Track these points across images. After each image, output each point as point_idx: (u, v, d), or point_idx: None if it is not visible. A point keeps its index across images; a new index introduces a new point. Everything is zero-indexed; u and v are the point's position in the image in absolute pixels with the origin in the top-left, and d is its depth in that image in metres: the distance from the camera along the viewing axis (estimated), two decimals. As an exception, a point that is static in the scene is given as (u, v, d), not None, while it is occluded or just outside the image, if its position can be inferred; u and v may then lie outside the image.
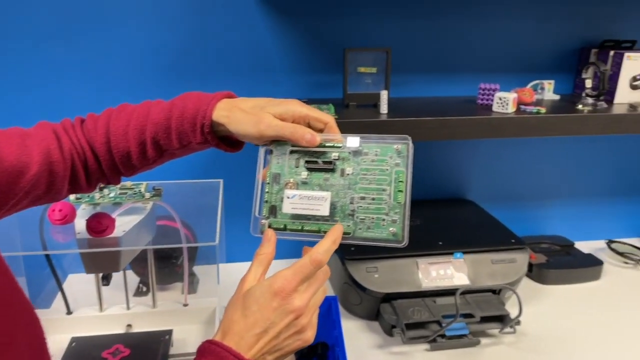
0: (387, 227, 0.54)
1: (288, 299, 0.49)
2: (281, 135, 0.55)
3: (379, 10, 1.03)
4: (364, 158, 0.55)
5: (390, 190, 0.54)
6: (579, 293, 1.06)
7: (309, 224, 0.54)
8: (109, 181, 0.62)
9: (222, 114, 0.56)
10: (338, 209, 0.54)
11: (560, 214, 1.28)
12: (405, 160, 0.54)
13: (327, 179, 0.55)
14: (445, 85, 1.12)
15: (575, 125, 0.95)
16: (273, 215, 0.55)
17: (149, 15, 0.96)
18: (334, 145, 0.56)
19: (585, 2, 1.10)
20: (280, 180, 0.56)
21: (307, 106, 0.58)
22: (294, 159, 0.56)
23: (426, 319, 0.86)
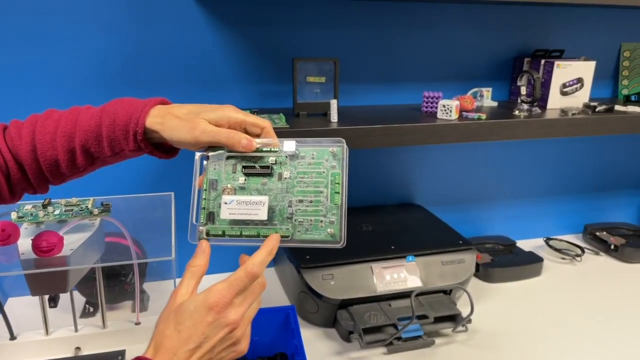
0: (325, 228, 0.55)
1: (223, 312, 0.49)
2: (217, 141, 0.55)
3: (327, 22, 1.05)
4: (301, 161, 0.56)
5: (327, 192, 0.55)
6: (523, 289, 1.11)
7: (247, 229, 0.55)
8: (36, 190, 0.60)
9: (155, 120, 0.56)
10: (277, 213, 0.55)
11: (502, 214, 1.34)
12: (340, 162, 0.56)
13: (265, 183, 0.56)
14: (390, 94, 1.15)
15: (514, 130, 1.00)
16: (211, 222, 0.55)
17: (92, 25, 0.93)
18: (270, 150, 0.56)
19: (518, 15, 1.17)
20: (217, 186, 0.56)
21: (242, 112, 0.58)
22: (231, 165, 0.56)
23: (382, 323, 0.88)
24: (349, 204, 1.23)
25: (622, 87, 1.30)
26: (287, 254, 0.98)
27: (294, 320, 0.80)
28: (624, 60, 1.29)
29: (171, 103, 0.60)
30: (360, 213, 1.16)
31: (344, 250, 0.95)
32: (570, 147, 1.32)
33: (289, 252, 0.97)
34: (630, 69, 1.30)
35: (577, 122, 1.03)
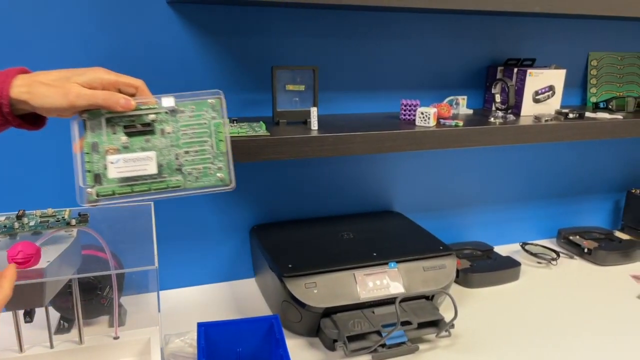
0: (214, 174, 0.58)
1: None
2: (94, 103, 0.54)
3: (305, 31, 1.05)
4: (182, 115, 0.58)
5: (211, 141, 0.58)
6: (502, 293, 1.13)
7: (138, 185, 0.56)
8: None
9: (21, 90, 0.53)
10: (165, 167, 0.57)
11: (478, 221, 1.36)
12: (220, 112, 0.59)
13: (149, 140, 0.57)
14: (368, 102, 1.16)
15: (490, 136, 1.02)
16: (99, 183, 0.56)
17: (67, 32, 0.91)
18: (149, 107, 0.58)
19: (490, 25, 1.20)
20: (99, 148, 0.56)
21: (114, 72, 0.57)
22: (111, 126, 0.57)
23: (366, 330, 0.87)
24: (329, 212, 1.23)
25: (591, 95, 1.34)
26: (269, 263, 0.97)
27: (278, 330, 0.79)
28: (591, 69, 1.33)
29: (31, 71, 0.57)
30: (340, 221, 1.16)
31: (327, 258, 0.96)
32: (543, 154, 1.36)
33: (271, 261, 0.97)
34: (597, 77, 1.34)
35: (550, 128, 1.06)
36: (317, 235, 1.08)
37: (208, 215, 1.10)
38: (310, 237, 1.07)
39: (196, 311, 1.03)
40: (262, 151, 0.87)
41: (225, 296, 1.09)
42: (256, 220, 1.15)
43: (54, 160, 0.96)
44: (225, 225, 1.13)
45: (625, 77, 1.37)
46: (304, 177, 1.16)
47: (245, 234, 1.15)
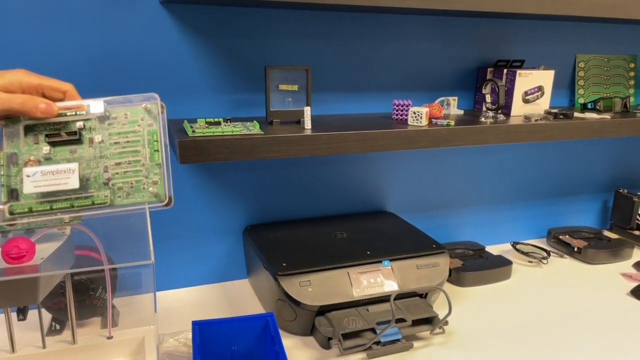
0: (147, 189, 0.53)
1: None
2: (9, 108, 0.50)
3: (298, 32, 1.06)
4: (113, 123, 0.53)
5: (145, 152, 0.53)
6: (495, 291, 1.14)
7: (59, 202, 0.51)
8: None
9: None
10: (92, 180, 0.52)
11: (470, 221, 1.37)
12: (157, 119, 0.53)
13: (75, 150, 0.52)
14: (360, 103, 1.17)
15: (481, 135, 1.03)
16: (14, 199, 0.51)
17: (59, 31, 0.91)
18: (76, 114, 0.52)
19: (480, 27, 1.21)
20: (17, 160, 0.51)
21: (37, 75, 0.52)
22: (32, 135, 0.52)
23: (361, 327, 0.88)
24: (322, 212, 1.23)
25: (579, 96, 1.36)
26: (263, 262, 0.97)
27: (273, 327, 0.78)
28: (579, 71, 1.36)
29: None
30: (333, 221, 1.17)
31: (321, 257, 0.96)
32: (532, 155, 1.37)
33: (265, 260, 0.96)
34: (585, 78, 1.36)
35: (540, 127, 1.08)
36: (311, 235, 1.08)
37: (200, 216, 1.10)
38: (303, 237, 1.07)
39: (189, 312, 1.02)
40: (256, 150, 0.88)
41: (219, 297, 1.09)
42: (249, 221, 1.15)
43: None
44: (217, 226, 1.13)
45: (612, 79, 1.39)
46: (296, 178, 1.16)
47: (238, 235, 1.15)
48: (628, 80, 1.41)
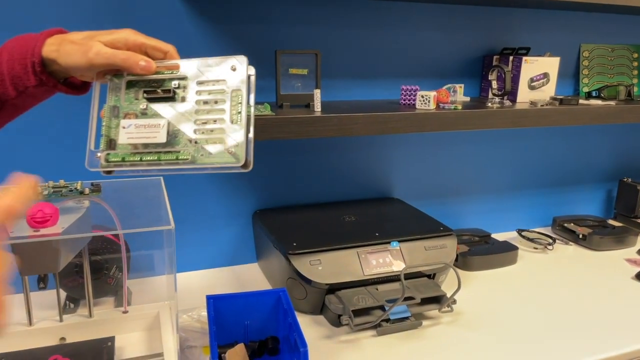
0: (228, 151, 0.53)
1: None
2: (113, 63, 0.52)
3: (307, 18, 1.08)
4: (204, 83, 0.54)
5: (230, 113, 0.53)
6: (501, 276, 1.15)
7: (148, 154, 0.52)
8: None
9: (51, 49, 0.52)
10: (178, 138, 0.53)
11: (475, 208, 1.38)
12: (244, 81, 0.54)
13: (168, 107, 0.54)
14: (367, 90, 1.18)
15: (488, 119, 1.04)
16: (111, 149, 0.53)
17: (71, 16, 0.92)
18: (172, 73, 0.54)
19: (486, 15, 1.23)
20: (119, 113, 0.54)
21: (143, 35, 0.55)
22: (133, 91, 0.54)
23: (371, 305, 0.89)
24: (330, 198, 1.24)
25: (583, 85, 1.38)
26: (274, 243, 0.98)
27: (286, 301, 0.80)
28: (583, 60, 1.37)
29: (68, 32, 0.56)
30: (341, 206, 1.18)
31: (330, 238, 0.97)
32: (538, 144, 1.39)
33: (276, 241, 0.98)
34: (589, 68, 1.38)
35: (545, 112, 1.09)
36: (319, 218, 1.10)
37: (210, 201, 1.12)
38: (312, 220, 1.09)
39: (200, 292, 1.03)
40: (267, 130, 0.89)
41: (229, 279, 1.10)
42: (258, 206, 1.17)
43: (66, 134, 0.97)
44: (227, 210, 1.14)
45: (615, 68, 1.40)
46: (304, 164, 1.18)
47: (247, 219, 1.16)
48: (632, 70, 1.42)
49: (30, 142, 0.95)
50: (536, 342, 0.88)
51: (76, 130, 0.97)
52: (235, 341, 0.80)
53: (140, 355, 0.75)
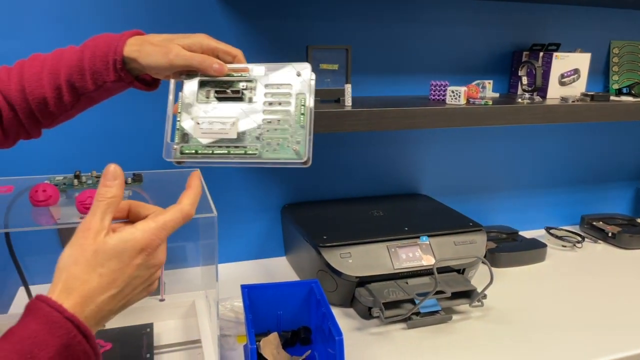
0: (291, 147, 0.57)
1: (154, 253, 0.45)
2: (190, 64, 0.57)
3: (338, 14, 1.09)
4: (270, 85, 0.59)
5: (293, 114, 0.57)
6: (530, 273, 1.14)
7: (218, 149, 0.57)
8: (29, 133, 0.62)
9: (133, 48, 0.57)
10: (246, 134, 0.57)
11: (503, 206, 1.38)
12: (307, 85, 0.58)
13: (236, 107, 0.58)
14: (396, 86, 1.19)
15: (519, 115, 1.04)
16: (185, 142, 0.57)
17: (110, 17, 0.95)
18: (241, 75, 0.59)
19: (515, 11, 1.23)
20: (191, 110, 0.58)
21: (215, 40, 0.60)
22: (205, 90, 0.59)
23: (402, 298, 0.89)
24: (357, 193, 1.25)
25: (613, 82, 1.36)
26: (304, 236, 0.99)
27: (318, 292, 0.81)
28: (613, 57, 1.36)
29: (146, 34, 0.61)
30: (369, 201, 1.19)
31: (359, 232, 0.98)
32: (567, 141, 1.38)
33: (305, 234, 0.99)
34: (619, 65, 1.36)
35: (576, 108, 1.08)
36: (348, 212, 1.11)
37: (240, 194, 1.13)
38: (341, 214, 1.10)
39: (231, 284, 1.05)
40: (300, 125, 0.90)
41: (258, 272, 1.12)
42: (286, 200, 1.18)
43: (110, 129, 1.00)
44: (256, 204, 1.16)
45: (646, 65, 1.39)
46: (332, 159, 1.19)
47: (275, 213, 1.18)
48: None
49: (74, 133, 0.97)
50: (565, 339, 0.88)
51: (115, 125, 1.00)
52: (268, 330, 0.82)
53: (178, 342, 0.77)
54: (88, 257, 0.42)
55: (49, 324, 0.39)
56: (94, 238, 0.43)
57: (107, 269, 0.42)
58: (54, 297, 0.40)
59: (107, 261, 0.42)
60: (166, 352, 0.76)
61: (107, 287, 0.42)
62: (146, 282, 0.46)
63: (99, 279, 0.42)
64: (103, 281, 0.42)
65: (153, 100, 0.95)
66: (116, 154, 1.01)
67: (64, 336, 0.39)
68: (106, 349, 0.71)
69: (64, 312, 0.39)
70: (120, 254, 0.43)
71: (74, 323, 0.39)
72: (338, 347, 0.69)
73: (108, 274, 0.42)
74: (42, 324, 0.39)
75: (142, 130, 1.02)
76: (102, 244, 0.43)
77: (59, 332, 0.39)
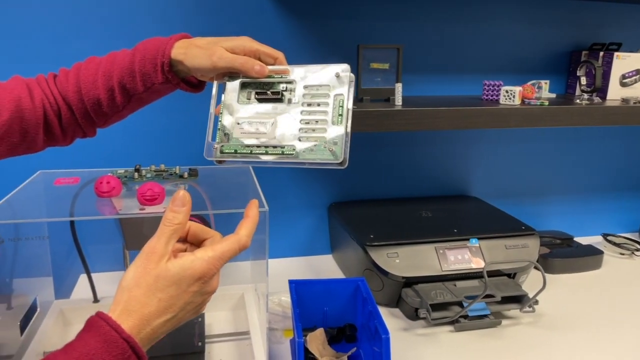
0: (327, 148, 0.57)
1: (209, 282, 0.47)
2: (232, 66, 0.58)
3: (389, 13, 1.09)
4: (309, 86, 0.59)
5: (331, 115, 0.57)
6: (584, 280, 1.10)
7: (257, 148, 0.58)
8: (85, 133, 0.66)
9: (179, 51, 0.60)
10: (285, 134, 0.58)
11: (557, 210, 1.33)
12: (345, 86, 0.58)
13: (275, 107, 0.59)
14: (448, 85, 1.17)
15: (577, 116, 1.00)
16: (225, 142, 0.58)
17: (162, 16, 0.99)
18: (281, 77, 0.59)
19: (574, 9, 1.18)
20: (233, 111, 0.59)
21: (258, 42, 0.61)
22: (246, 92, 0.60)
23: (449, 300, 0.88)
24: (405, 193, 1.24)
25: (680, 83, 1.29)
26: (351, 235, 1.00)
27: (365, 290, 0.81)
28: (681, 57, 1.28)
29: (192, 37, 0.64)
30: (417, 201, 1.18)
31: (407, 232, 0.98)
32: (626, 145, 1.32)
33: (352, 233, 1.00)
34: (688, 65, 1.29)
35: (638, 110, 1.03)
36: (395, 212, 1.10)
37: (288, 192, 1.15)
38: (388, 214, 1.09)
39: (278, 279, 1.06)
40: (349, 124, 0.91)
41: (304, 269, 1.13)
42: (333, 199, 1.19)
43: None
44: (304, 202, 1.17)
45: None
46: (380, 158, 1.19)
47: (322, 211, 1.19)
48: None
49: (135, 130, 1.02)
50: (619, 351, 0.84)
51: (172, 122, 1.04)
52: (314, 326, 0.83)
53: (228, 332, 0.79)
54: (150, 281, 0.44)
55: (107, 342, 0.41)
56: (157, 262, 0.45)
57: (166, 294, 0.44)
58: (114, 317, 0.42)
59: (167, 287, 0.44)
60: (217, 341, 0.79)
61: (163, 312, 0.44)
62: (198, 307, 0.48)
63: (157, 303, 0.44)
64: (161, 306, 0.44)
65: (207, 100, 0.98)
66: (173, 149, 1.05)
67: (119, 356, 0.41)
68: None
69: (122, 332, 0.41)
70: (179, 281, 0.45)
71: (130, 344, 0.41)
72: (384, 346, 0.69)
73: (166, 299, 0.44)
74: (101, 342, 0.41)
75: (198, 128, 1.05)
76: (164, 270, 0.45)
77: (115, 352, 0.41)
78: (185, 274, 0.45)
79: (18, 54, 0.94)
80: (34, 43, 0.95)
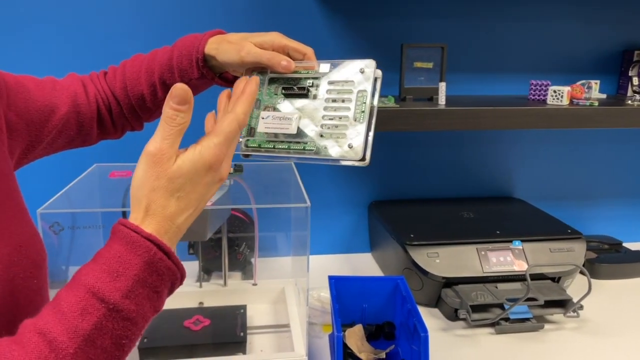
0: (348, 145, 0.55)
1: (220, 168, 0.47)
2: (259, 61, 0.59)
3: (434, 12, 1.08)
4: (333, 82, 0.58)
5: (354, 111, 0.56)
6: (633, 286, 1.06)
7: (280, 144, 0.58)
8: (133, 127, 0.70)
9: (212, 47, 0.61)
10: (307, 130, 0.57)
11: (606, 214, 1.29)
12: (369, 82, 0.56)
13: (301, 103, 0.59)
14: (494, 84, 1.16)
15: (628, 117, 0.97)
16: (250, 136, 0.59)
17: (212, 15, 1.02)
18: (308, 72, 0.59)
19: (627, 6, 1.14)
20: (260, 105, 0.60)
21: (287, 38, 0.61)
22: (273, 87, 0.60)
23: (490, 302, 0.88)
24: (447, 194, 1.24)
25: None
26: (391, 234, 1.00)
27: (404, 289, 0.81)
28: None
29: (226, 33, 0.65)
30: (458, 202, 1.17)
31: (448, 232, 0.97)
32: (683, 146, 1.26)
33: (392, 232, 1.00)
34: None
35: (697, 112, 0.99)
36: (436, 212, 1.10)
37: (329, 190, 1.16)
38: (429, 214, 1.09)
39: (318, 275, 1.08)
40: (390, 122, 0.91)
41: (344, 266, 1.14)
42: (374, 197, 1.19)
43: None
44: (344, 200, 1.18)
45: None
46: (422, 157, 1.18)
47: (363, 209, 1.20)
48: None
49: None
50: (676, 359, 0.81)
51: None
52: (353, 322, 0.83)
53: (268, 324, 0.82)
54: (164, 184, 0.44)
55: (130, 244, 0.42)
56: (167, 163, 0.44)
57: (183, 192, 0.44)
58: (138, 223, 0.43)
59: (183, 185, 0.44)
60: (258, 332, 0.81)
61: (184, 209, 0.45)
62: (212, 194, 0.49)
63: (177, 202, 0.44)
64: (181, 204, 0.44)
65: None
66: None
67: (144, 254, 0.42)
68: (205, 324, 0.77)
69: (141, 232, 0.42)
70: (193, 176, 0.45)
71: (153, 242, 0.42)
72: (423, 344, 0.70)
73: (184, 196, 0.45)
74: (124, 244, 0.42)
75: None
76: (177, 169, 0.44)
77: (139, 251, 0.41)
78: (197, 167, 0.45)
79: (77, 52, 1.00)
80: (89, 43, 1.00)
